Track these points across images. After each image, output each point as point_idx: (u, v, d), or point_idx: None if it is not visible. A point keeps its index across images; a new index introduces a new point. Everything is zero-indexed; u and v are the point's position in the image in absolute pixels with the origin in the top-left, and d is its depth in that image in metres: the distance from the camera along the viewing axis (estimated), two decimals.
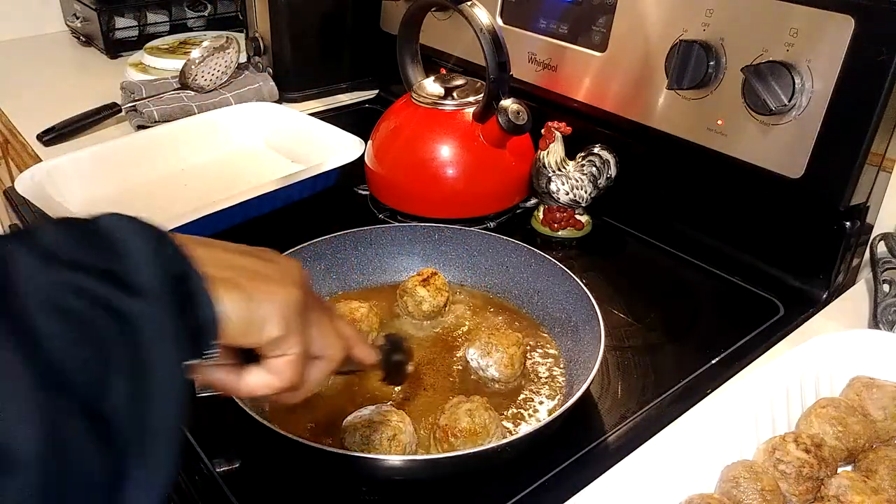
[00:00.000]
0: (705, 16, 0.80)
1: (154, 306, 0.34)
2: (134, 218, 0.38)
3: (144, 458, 0.32)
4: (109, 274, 0.34)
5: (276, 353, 0.43)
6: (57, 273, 0.33)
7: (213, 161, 1.10)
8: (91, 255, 0.34)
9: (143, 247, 0.36)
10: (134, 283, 0.34)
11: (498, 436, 0.59)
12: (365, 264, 0.82)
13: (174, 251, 0.37)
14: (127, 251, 0.35)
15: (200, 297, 0.37)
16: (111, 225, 0.36)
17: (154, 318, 0.34)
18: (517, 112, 0.86)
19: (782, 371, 0.61)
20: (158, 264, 0.36)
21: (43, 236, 0.34)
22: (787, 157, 0.77)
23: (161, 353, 0.34)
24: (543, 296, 0.76)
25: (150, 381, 0.33)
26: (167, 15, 1.61)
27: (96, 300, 0.32)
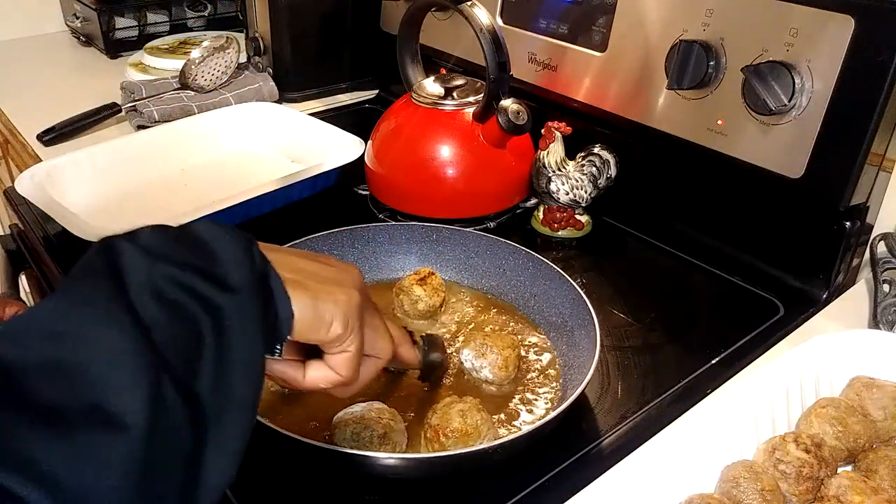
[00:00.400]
0: (705, 16, 0.80)
1: (242, 302, 0.39)
2: (226, 226, 0.43)
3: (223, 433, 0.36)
4: (206, 272, 0.38)
5: (336, 349, 0.48)
6: (160, 267, 0.37)
7: (213, 161, 1.10)
8: (188, 255, 0.39)
9: (235, 251, 0.40)
10: (226, 282, 0.39)
11: (490, 437, 0.59)
12: (362, 262, 0.82)
13: (259, 256, 0.42)
14: (221, 253, 0.40)
15: (279, 297, 0.43)
16: (205, 231, 0.41)
17: (241, 313, 0.39)
18: (517, 112, 0.86)
19: (782, 371, 0.61)
20: (247, 267, 0.40)
21: (144, 237, 0.39)
22: (787, 157, 0.77)
23: (244, 343, 0.38)
24: (540, 299, 0.76)
25: (233, 367, 0.37)
26: (167, 15, 1.61)
27: (194, 293, 0.37)
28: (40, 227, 0.94)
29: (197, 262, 0.39)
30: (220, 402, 0.36)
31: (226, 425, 0.36)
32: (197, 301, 0.37)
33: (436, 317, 0.76)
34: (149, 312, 0.35)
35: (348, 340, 0.47)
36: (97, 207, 0.96)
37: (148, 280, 0.36)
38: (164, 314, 0.35)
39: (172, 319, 0.36)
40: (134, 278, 0.36)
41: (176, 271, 0.37)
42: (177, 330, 0.36)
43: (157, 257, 0.37)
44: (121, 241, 0.38)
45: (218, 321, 0.37)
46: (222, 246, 0.40)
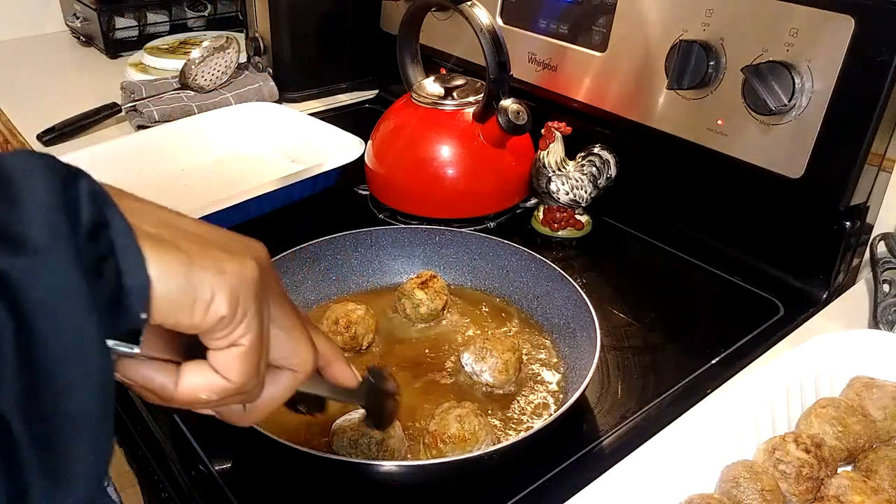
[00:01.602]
0: (705, 16, 0.80)
1: (45, 264, 0.26)
2: (45, 155, 0.29)
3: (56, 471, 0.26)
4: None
5: (222, 340, 0.34)
6: None
7: (213, 161, 1.10)
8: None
9: (42, 188, 0.27)
10: (21, 236, 0.26)
11: (488, 442, 0.59)
12: (364, 266, 0.82)
13: (89, 195, 0.29)
14: (22, 194, 0.27)
15: (124, 254, 0.29)
16: (10, 163, 0.28)
17: (45, 279, 0.26)
18: (517, 112, 0.86)
19: (782, 371, 0.61)
20: (58, 210, 0.27)
21: None
22: (787, 157, 0.77)
23: (60, 324, 0.26)
24: (542, 300, 0.76)
25: (48, 361, 0.26)
26: (167, 15, 1.61)
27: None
28: None
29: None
30: (43, 423, 0.25)
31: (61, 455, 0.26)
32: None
33: (438, 320, 0.76)
34: None
35: (241, 328, 0.33)
36: None
37: None
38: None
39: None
40: None
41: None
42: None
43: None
44: None
45: (11, 299, 0.25)
46: (29, 184, 0.27)
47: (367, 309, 0.74)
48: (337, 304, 0.73)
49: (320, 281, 0.79)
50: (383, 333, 0.75)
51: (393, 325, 0.76)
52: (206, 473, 0.59)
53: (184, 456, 0.61)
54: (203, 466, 0.60)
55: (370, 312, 0.74)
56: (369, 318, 0.73)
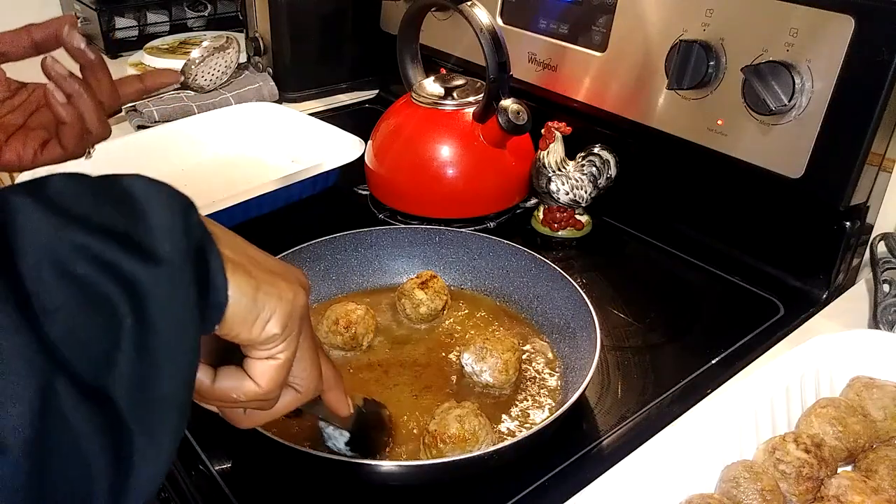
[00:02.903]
0: (705, 16, 0.80)
1: (172, 276, 0.31)
2: (162, 183, 0.35)
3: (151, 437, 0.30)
4: (125, 237, 0.30)
5: (264, 353, 0.39)
6: (64, 231, 0.29)
7: (213, 161, 1.10)
8: (107, 213, 0.31)
9: (168, 213, 0.33)
10: (151, 249, 0.31)
11: (488, 442, 0.59)
12: (365, 266, 0.82)
13: (198, 223, 0.35)
14: (149, 214, 0.32)
15: (215, 276, 0.35)
16: (135, 185, 0.33)
17: (171, 289, 0.31)
18: (517, 112, 0.86)
19: (782, 371, 0.61)
20: (180, 233, 0.33)
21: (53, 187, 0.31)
22: (787, 157, 0.77)
23: (173, 327, 0.31)
24: (542, 301, 0.76)
25: (159, 355, 0.31)
26: (167, 15, 1.61)
27: (106, 265, 0.29)
28: None
29: (118, 225, 0.31)
30: (144, 401, 0.30)
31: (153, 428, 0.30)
32: (112, 276, 0.29)
33: (438, 320, 0.76)
34: (46, 294, 0.28)
35: (282, 345, 0.39)
36: None
37: (48, 249, 0.28)
38: (66, 295, 0.28)
39: (78, 302, 0.28)
40: (29, 247, 0.28)
41: (88, 238, 0.29)
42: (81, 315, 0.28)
43: (65, 218, 0.29)
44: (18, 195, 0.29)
45: (138, 300, 0.30)
46: (154, 206, 0.32)
47: (367, 309, 0.74)
48: (337, 304, 0.73)
49: (320, 281, 0.79)
50: (383, 333, 0.75)
51: (393, 325, 0.76)
52: (206, 473, 0.60)
53: (184, 456, 0.61)
54: (203, 466, 0.60)
55: (370, 312, 0.74)
56: (369, 318, 0.73)
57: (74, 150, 0.61)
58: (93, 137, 0.61)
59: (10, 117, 0.62)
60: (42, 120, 0.62)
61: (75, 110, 0.59)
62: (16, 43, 0.59)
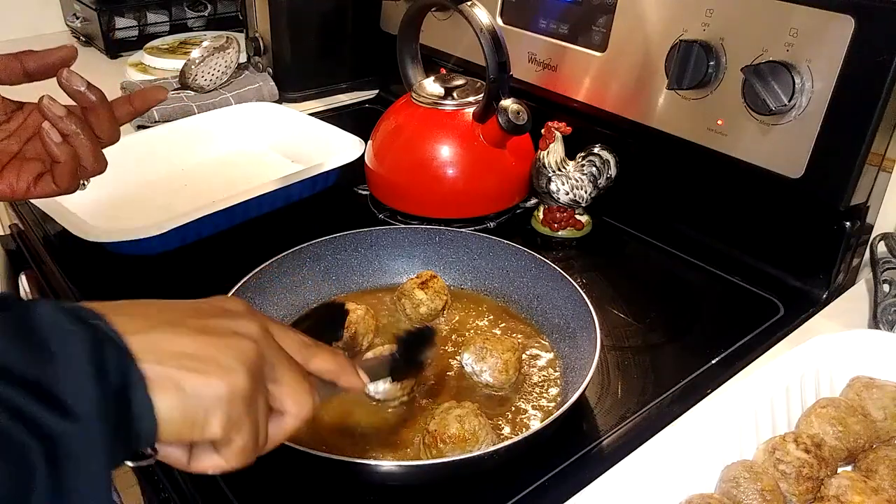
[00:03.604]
0: (705, 16, 0.80)
1: (87, 429, 0.31)
2: (75, 310, 0.34)
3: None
4: (36, 386, 0.31)
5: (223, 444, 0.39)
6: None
7: (213, 161, 1.10)
8: (21, 356, 0.31)
9: (79, 354, 0.32)
10: (63, 400, 0.31)
11: (488, 442, 0.59)
12: (365, 266, 0.82)
13: (115, 356, 0.34)
14: (60, 357, 0.32)
15: (139, 407, 0.35)
16: (47, 320, 0.33)
17: (86, 442, 0.31)
18: (517, 112, 0.86)
19: (782, 371, 0.61)
20: (93, 377, 0.32)
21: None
22: (787, 157, 0.77)
23: (89, 476, 0.32)
24: (542, 301, 0.76)
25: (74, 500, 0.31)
26: (167, 15, 1.61)
27: (22, 418, 0.30)
28: (40, 227, 0.94)
29: (28, 370, 0.31)
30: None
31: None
32: (21, 426, 0.30)
33: (438, 320, 0.76)
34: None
35: (235, 435, 0.39)
36: (97, 207, 0.96)
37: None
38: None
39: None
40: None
41: (2, 389, 0.30)
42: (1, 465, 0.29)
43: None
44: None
45: (52, 454, 0.30)
46: (66, 350, 0.32)
47: (367, 309, 0.74)
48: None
49: (320, 281, 0.79)
50: (383, 333, 0.75)
51: (393, 326, 0.76)
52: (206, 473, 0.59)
53: None
54: None
55: (370, 312, 0.74)
56: (369, 318, 0.73)
57: (68, 187, 0.60)
58: (87, 172, 0.60)
59: (5, 144, 0.60)
60: (38, 149, 0.60)
61: (71, 149, 0.57)
62: (9, 70, 0.58)
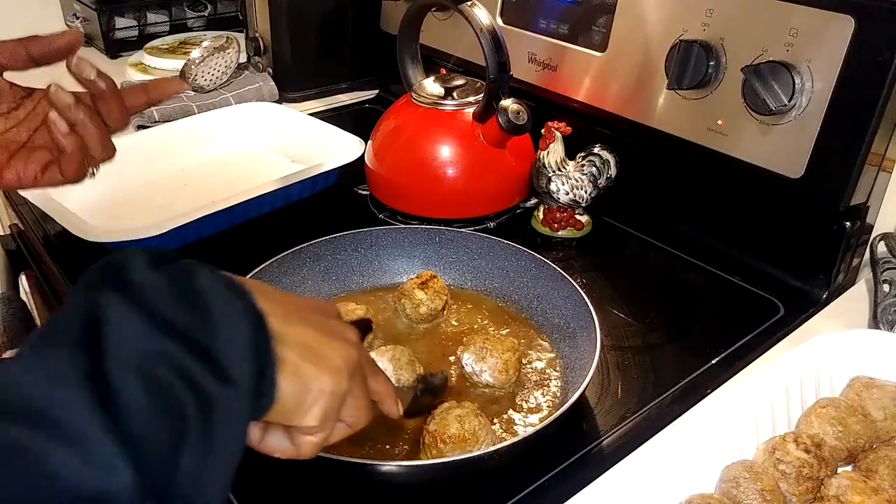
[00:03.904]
0: (705, 16, 0.80)
1: (238, 397, 0.36)
2: (231, 282, 0.38)
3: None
4: (205, 353, 0.35)
5: (304, 434, 0.44)
6: (151, 338, 0.33)
7: (213, 161, 1.10)
8: (189, 322, 0.35)
9: (243, 337, 0.37)
10: (225, 369, 0.35)
11: (488, 442, 0.59)
12: (365, 266, 0.82)
13: (264, 340, 0.39)
14: (228, 336, 0.36)
15: (267, 385, 0.39)
16: (213, 293, 0.37)
17: (235, 408, 0.36)
18: (517, 112, 0.86)
19: (782, 371, 0.61)
20: (253, 359, 0.37)
21: (142, 285, 0.35)
22: (787, 157, 0.77)
23: (231, 438, 0.36)
24: (542, 301, 0.76)
25: (215, 460, 0.35)
26: (167, 15, 1.61)
27: (186, 377, 0.33)
28: (40, 227, 0.94)
29: (198, 337, 0.35)
30: (196, 494, 0.34)
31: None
32: (188, 387, 0.33)
33: (438, 320, 0.76)
34: (130, 397, 0.31)
35: (319, 429, 0.43)
36: (97, 207, 0.96)
37: (136, 355, 0.32)
38: (146, 399, 0.32)
39: (155, 406, 0.32)
40: (118, 347, 0.32)
41: (172, 346, 0.34)
42: (158, 418, 0.32)
43: (151, 323, 0.34)
44: (108, 298, 0.34)
45: (206, 412, 0.34)
46: (231, 322, 0.37)
47: (367, 309, 0.74)
48: (337, 304, 0.73)
49: (320, 281, 0.79)
50: (383, 333, 0.75)
51: (393, 325, 0.76)
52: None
53: None
54: None
55: (370, 312, 0.74)
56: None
57: (75, 177, 0.60)
58: (95, 161, 0.60)
59: (13, 132, 0.60)
60: (46, 139, 0.59)
61: (78, 139, 0.57)
62: (14, 55, 0.58)
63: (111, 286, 0.34)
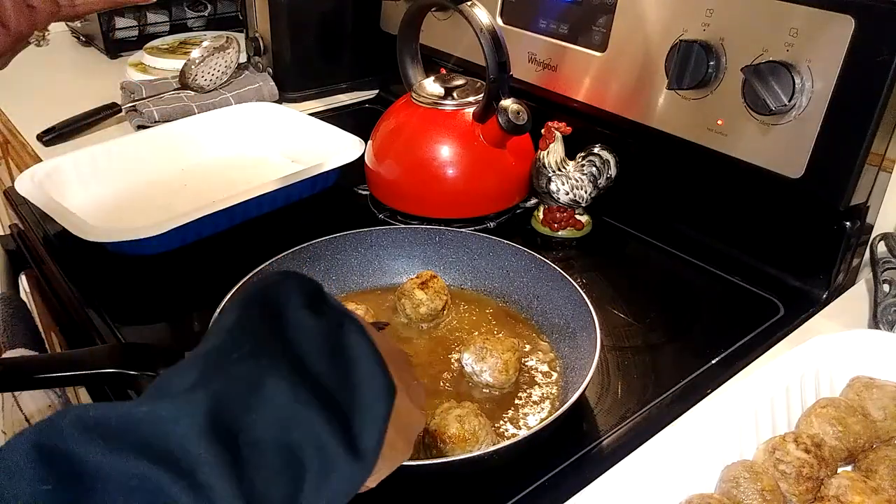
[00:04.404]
0: (705, 16, 0.80)
1: (362, 471, 0.36)
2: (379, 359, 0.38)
3: None
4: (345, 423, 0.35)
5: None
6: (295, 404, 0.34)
7: (213, 161, 1.10)
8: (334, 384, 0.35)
9: (380, 415, 0.37)
10: (357, 442, 0.35)
11: (488, 442, 0.59)
12: (365, 266, 0.82)
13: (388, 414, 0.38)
14: (366, 407, 0.36)
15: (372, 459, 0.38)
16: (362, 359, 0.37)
17: (355, 481, 0.36)
18: (517, 112, 0.86)
19: (782, 371, 0.61)
20: (384, 432, 0.37)
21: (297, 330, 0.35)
22: (787, 157, 0.77)
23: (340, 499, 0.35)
24: (542, 301, 0.76)
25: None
26: (167, 15, 1.61)
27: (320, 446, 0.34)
28: (40, 227, 0.94)
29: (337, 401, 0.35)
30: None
31: None
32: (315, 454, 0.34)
33: (438, 320, 0.76)
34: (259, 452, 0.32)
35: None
36: (97, 207, 0.96)
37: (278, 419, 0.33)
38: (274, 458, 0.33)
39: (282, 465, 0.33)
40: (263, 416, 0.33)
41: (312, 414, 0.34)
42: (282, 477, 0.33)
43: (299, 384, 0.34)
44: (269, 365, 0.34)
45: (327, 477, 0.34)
46: (371, 395, 0.37)
47: (367, 309, 0.74)
48: None
49: (320, 281, 0.78)
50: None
51: (393, 326, 0.76)
52: None
53: None
54: None
55: (370, 312, 0.74)
56: (369, 319, 0.73)
57: (18, 27, 0.56)
58: (38, 14, 0.56)
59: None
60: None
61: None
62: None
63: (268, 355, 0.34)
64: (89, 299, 0.81)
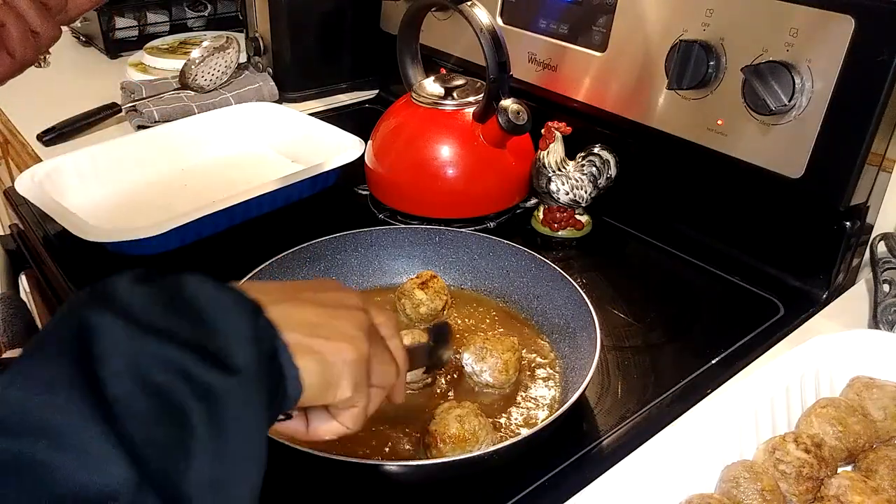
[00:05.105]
0: (705, 16, 0.80)
1: (247, 385, 0.34)
2: (223, 288, 0.37)
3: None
4: (203, 350, 0.33)
5: (343, 408, 0.44)
6: (144, 343, 0.32)
7: (213, 161, 1.10)
8: (181, 326, 0.34)
9: (240, 325, 0.36)
10: (228, 361, 0.34)
11: (488, 442, 0.59)
12: (364, 266, 0.82)
13: (265, 326, 0.38)
14: (222, 328, 0.35)
15: (288, 373, 0.38)
16: (201, 294, 0.36)
17: (243, 397, 0.34)
18: (517, 112, 0.86)
19: (782, 371, 0.61)
20: (254, 343, 0.36)
21: (124, 297, 0.34)
22: (787, 157, 0.77)
23: (246, 433, 0.34)
24: (542, 301, 0.76)
25: (234, 459, 0.33)
26: (167, 15, 1.61)
27: (186, 375, 0.32)
28: (40, 227, 0.94)
29: (191, 336, 0.34)
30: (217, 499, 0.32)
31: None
32: (188, 385, 0.32)
33: (438, 320, 0.76)
34: (126, 402, 0.30)
35: (357, 397, 0.43)
36: (97, 207, 0.96)
37: (127, 361, 0.31)
38: (145, 403, 0.31)
39: (155, 409, 0.31)
40: (109, 360, 0.31)
41: (164, 348, 0.32)
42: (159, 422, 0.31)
43: (140, 328, 0.32)
44: (94, 310, 0.32)
45: (213, 408, 0.32)
46: (224, 316, 0.36)
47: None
48: None
49: None
50: None
51: None
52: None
53: None
54: None
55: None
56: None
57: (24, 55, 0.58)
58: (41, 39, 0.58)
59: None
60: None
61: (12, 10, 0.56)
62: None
63: (95, 307, 0.33)
64: None
